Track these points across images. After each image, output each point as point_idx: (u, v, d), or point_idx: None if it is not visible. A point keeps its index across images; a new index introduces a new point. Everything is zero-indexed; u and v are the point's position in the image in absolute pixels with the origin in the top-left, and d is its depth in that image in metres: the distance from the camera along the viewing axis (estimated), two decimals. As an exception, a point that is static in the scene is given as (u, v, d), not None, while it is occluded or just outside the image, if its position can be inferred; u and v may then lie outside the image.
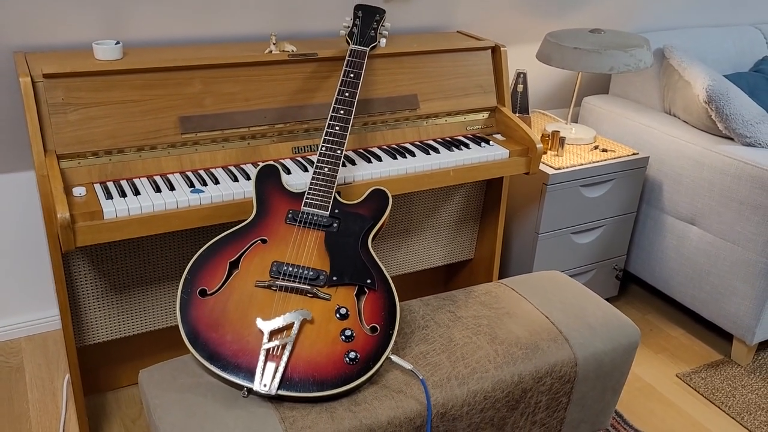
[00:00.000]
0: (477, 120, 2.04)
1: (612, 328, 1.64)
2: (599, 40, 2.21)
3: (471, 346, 1.52)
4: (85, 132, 1.56)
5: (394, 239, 2.08)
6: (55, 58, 1.67)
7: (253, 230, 1.49)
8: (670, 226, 2.39)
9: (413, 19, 2.26)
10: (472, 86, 2.02)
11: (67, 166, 1.56)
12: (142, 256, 1.75)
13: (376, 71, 1.89)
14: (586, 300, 1.72)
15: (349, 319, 1.40)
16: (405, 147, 1.90)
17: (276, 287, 1.41)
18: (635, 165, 2.31)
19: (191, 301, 1.38)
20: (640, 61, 2.15)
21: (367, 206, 1.57)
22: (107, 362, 1.94)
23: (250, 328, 1.36)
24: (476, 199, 2.18)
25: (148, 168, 1.64)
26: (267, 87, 1.75)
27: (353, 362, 1.35)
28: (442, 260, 2.22)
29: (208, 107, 1.69)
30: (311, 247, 1.47)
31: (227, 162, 1.72)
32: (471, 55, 2.02)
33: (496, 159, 1.92)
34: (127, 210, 1.50)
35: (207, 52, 1.80)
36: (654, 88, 2.54)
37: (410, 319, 1.60)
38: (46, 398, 2.00)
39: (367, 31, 1.83)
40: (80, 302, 1.72)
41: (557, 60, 2.18)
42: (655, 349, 2.36)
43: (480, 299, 1.69)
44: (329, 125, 1.64)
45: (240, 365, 1.32)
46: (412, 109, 1.93)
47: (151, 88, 1.63)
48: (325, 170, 1.58)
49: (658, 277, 2.47)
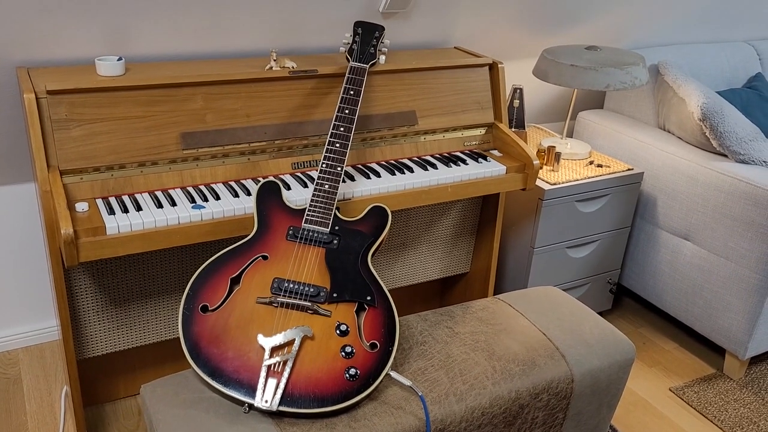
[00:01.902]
0: (474, 136, 2.06)
1: (608, 345, 1.67)
2: (595, 57, 2.24)
3: (469, 362, 1.54)
4: (88, 148, 1.58)
5: (390, 253, 2.10)
6: (58, 74, 1.69)
7: (254, 247, 1.51)
8: (664, 241, 2.41)
9: (411, 35, 2.29)
10: (469, 102, 2.04)
11: (69, 182, 1.57)
12: (142, 270, 1.76)
13: (376, 88, 1.91)
14: (582, 316, 1.75)
15: (349, 336, 1.41)
16: (403, 163, 1.92)
17: (277, 304, 1.43)
18: (630, 180, 2.34)
19: (193, 316, 1.40)
20: (636, 79, 2.19)
21: (367, 223, 1.59)
22: (105, 374, 1.95)
23: (252, 344, 1.37)
24: (473, 214, 2.21)
25: (150, 183, 1.65)
26: (268, 103, 1.77)
27: (353, 378, 1.36)
28: (438, 274, 2.24)
29: (210, 123, 1.70)
30: (312, 263, 1.49)
31: (228, 177, 1.73)
32: (469, 71, 2.04)
33: (493, 175, 1.94)
34: (130, 226, 1.51)
35: (208, 68, 1.82)
36: (649, 104, 2.58)
37: (408, 334, 1.62)
38: (44, 410, 2.01)
39: (366, 48, 1.85)
40: (80, 316, 1.73)
41: (554, 77, 2.21)
42: (648, 363, 2.39)
43: (477, 315, 1.71)
44: (329, 142, 1.66)
45: (241, 381, 1.33)
46: (410, 125, 1.95)
47: (153, 105, 1.65)
48: (325, 187, 1.60)
49: (651, 291, 2.50)
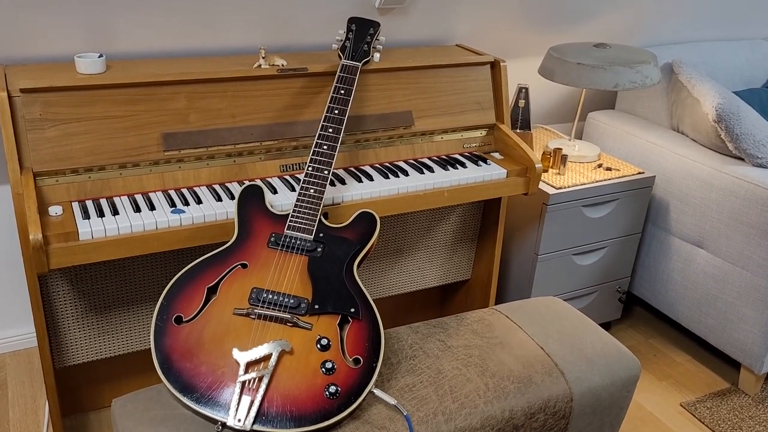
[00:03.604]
0: (474, 138, 1.97)
1: (611, 361, 1.57)
2: (604, 55, 2.14)
3: (460, 378, 1.45)
4: (63, 149, 1.51)
5: (386, 259, 2.02)
6: (36, 71, 1.62)
7: (233, 254, 1.43)
8: (676, 248, 2.30)
9: (411, 32, 2.20)
10: (469, 102, 1.95)
11: (44, 184, 1.50)
12: (124, 276, 1.69)
13: (370, 87, 1.82)
14: (584, 329, 1.65)
15: (331, 351, 1.33)
16: (398, 165, 1.83)
17: (254, 315, 1.35)
18: (641, 184, 2.23)
19: (166, 328, 1.32)
20: (646, 78, 2.08)
21: (354, 230, 1.50)
22: (89, 382, 1.89)
23: (226, 358, 1.29)
24: (473, 219, 2.11)
25: (130, 186, 1.58)
26: (254, 103, 1.69)
27: (333, 396, 1.28)
28: (437, 281, 2.14)
29: (193, 123, 1.63)
30: (293, 272, 1.41)
31: (212, 180, 1.66)
32: (469, 70, 1.95)
33: (493, 179, 1.85)
34: (104, 231, 1.44)
35: (194, 66, 1.75)
36: (662, 105, 2.46)
37: (398, 348, 1.53)
38: (28, 418, 1.95)
39: (360, 45, 1.76)
40: (60, 323, 1.66)
41: (560, 76, 2.11)
42: (658, 376, 2.28)
43: (472, 327, 1.62)
44: (317, 144, 1.58)
45: (214, 398, 1.25)
46: (406, 127, 1.86)
47: (133, 104, 1.58)
48: (310, 191, 1.52)
49: (663, 300, 2.39)
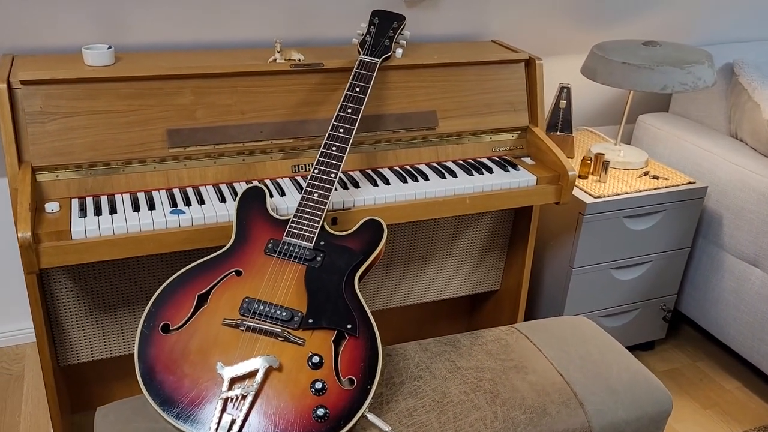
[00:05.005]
0: (504, 141, 1.83)
1: (639, 393, 1.42)
2: (652, 54, 1.96)
3: (467, 404, 1.33)
4: (63, 143, 1.46)
5: (409, 266, 1.90)
6: (44, 63, 1.58)
7: (228, 260, 1.35)
8: (729, 265, 2.11)
9: (443, 26, 2.07)
10: (500, 103, 1.81)
11: (44, 179, 1.46)
12: (130, 275, 1.64)
13: (391, 84, 1.71)
14: (612, 356, 1.50)
15: (323, 369, 1.23)
16: (419, 169, 1.72)
17: (244, 327, 1.26)
18: (690, 195, 2.05)
19: (152, 336, 1.25)
20: (698, 80, 1.89)
21: (358, 239, 1.40)
22: (99, 379, 1.85)
23: (211, 372, 1.21)
24: (504, 226, 1.98)
25: (132, 183, 1.52)
26: (265, 99, 1.61)
27: (321, 420, 1.18)
28: (463, 290, 2.02)
29: (200, 120, 1.56)
30: (288, 283, 1.32)
31: (218, 180, 1.58)
32: (501, 68, 1.81)
33: (521, 186, 1.71)
34: (98, 230, 1.39)
35: (207, 60, 1.68)
36: (720, 108, 2.26)
37: (403, 366, 1.42)
38: (39, 412, 1.93)
39: (381, 40, 1.66)
40: (63, 320, 1.62)
41: (603, 76, 1.95)
42: (703, 403, 2.09)
43: (487, 347, 1.49)
44: (325, 145, 1.48)
45: (194, 414, 1.18)
46: (429, 128, 1.74)
47: (137, 98, 1.52)
48: (314, 196, 1.42)
49: (712, 321, 2.19)
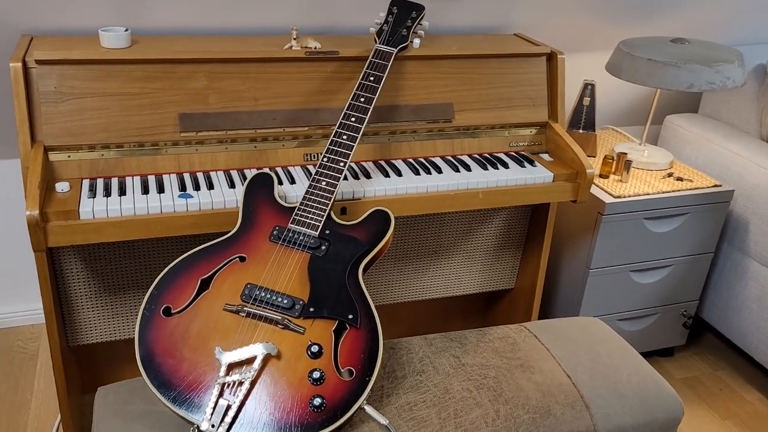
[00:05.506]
0: (522, 136, 1.80)
1: (648, 398, 1.37)
2: (680, 51, 1.90)
3: (469, 401, 1.30)
4: (76, 124, 1.47)
5: (421, 260, 1.88)
6: (61, 44, 1.59)
7: (233, 246, 1.34)
8: (754, 272, 2.04)
9: (465, 18, 2.03)
10: (520, 97, 1.77)
11: (56, 159, 1.47)
12: (141, 258, 1.64)
13: (407, 75, 1.69)
14: (623, 359, 1.46)
15: (322, 359, 1.22)
16: (432, 162, 1.69)
17: (244, 313, 1.25)
18: (716, 199, 1.99)
19: (153, 319, 1.25)
20: (727, 79, 1.83)
21: (365, 229, 1.38)
22: (109, 361, 1.86)
23: (209, 357, 1.21)
24: (520, 223, 1.94)
25: (143, 167, 1.52)
26: (279, 86, 1.60)
27: (318, 410, 1.17)
28: (476, 288, 1.99)
29: (212, 105, 1.55)
30: (291, 270, 1.30)
31: (229, 165, 1.58)
32: (521, 61, 1.77)
33: (536, 182, 1.67)
34: (106, 211, 1.39)
35: (221, 45, 1.67)
36: (752, 111, 2.19)
37: (406, 360, 1.40)
38: (51, 391, 1.95)
39: (398, 29, 1.63)
40: (73, 301, 1.63)
41: (628, 73, 1.90)
42: (722, 414, 2.03)
43: (493, 345, 1.46)
44: (336, 133, 1.46)
45: (191, 399, 1.17)
46: (445, 120, 1.71)
47: (151, 81, 1.52)
48: (322, 184, 1.41)
49: (735, 329, 2.13)
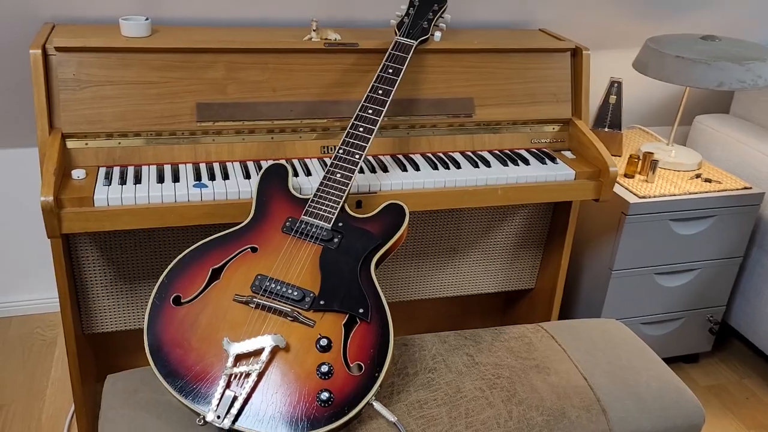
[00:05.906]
0: (545, 132, 1.76)
1: (668, 404, 1.33)
2: (710, 48, 1.84)
3: (481, 401, 1.27)
4: (94, 111, 1.47)
5: (440, 257, 1.85)
6: (81, 32, 1.59)
7: (245, 236, 1.33)
8: (783, 278, 1.97)
9: (489, 12, 2.00)
10: (542, 93, 1.74)
11: (73, 146, 1.47)
12: (155, 248, 1.64)
13: (428, 68, 1.66)
14: (642, 363, 1.41)
15: (331, 353, 1.20)
16: (451, 157, 1.66)
17: (254, 304, 1.24)
18: (745, 201, 1.93)
19: (163, 307, 1.24)
20: (759, 78, 1.77)
21: (379, 222, 1.36)
22: (125, 349, 1.86)
23: (217, 348, 1.19)
24: (541, 222, 1.90)
25: (160, 156, 1.52)
26: (298, 78, 1.58)
27: (325, 404, 1.15)
28: (495, 287, 1.95)
29: (230, 95, 1.54)
30: (303, 262, 1.29)
31: (246, 156, 1.57)
32: (545, 57, 1.74)
33: (558, 180, 1.63)
34: (120, 199, 1.39)
35: (239, 35, 1.66)
36: (785, 111, 2.12)
37: (419, 357, 1.37)
38: (67, 378, 1.96)
39: (419, 22, 1.61)
40: (89, 289, 1.64)
41: (654, 70, 1.85)
42: (747, 424, 1.97)
43: (508, 344, 1.43)
44: (353, 125, 1.44)
45: (198, 389, 1.16)
46: (466, 115, 1.68)
47: (169, 70, 1.51)
48: (336, 176, 1.39)
49: (763, 337, 2.06)
